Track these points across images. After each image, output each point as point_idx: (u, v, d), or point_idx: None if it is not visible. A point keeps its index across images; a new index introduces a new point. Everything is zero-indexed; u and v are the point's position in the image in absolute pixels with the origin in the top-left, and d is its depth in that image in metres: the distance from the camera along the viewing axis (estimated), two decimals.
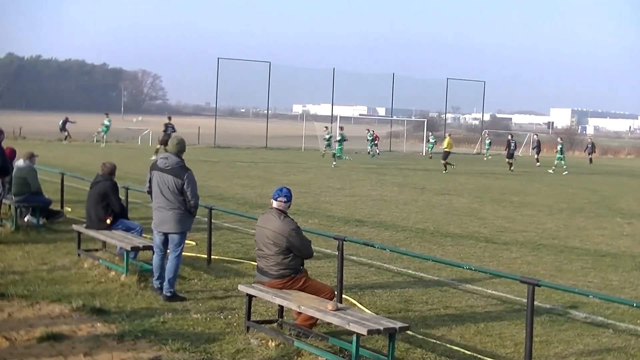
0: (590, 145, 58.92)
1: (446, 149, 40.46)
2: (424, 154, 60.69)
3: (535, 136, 55.17)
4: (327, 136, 49.68)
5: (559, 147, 46.35)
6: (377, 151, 56.53)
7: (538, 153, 51.44)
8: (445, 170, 39.25)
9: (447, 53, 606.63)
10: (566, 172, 42.53)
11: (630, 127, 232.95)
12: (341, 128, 44.57)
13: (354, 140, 59.83)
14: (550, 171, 43.62)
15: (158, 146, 40.80)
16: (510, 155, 44.93)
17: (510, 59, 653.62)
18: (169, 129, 40.93)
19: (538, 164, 47.95)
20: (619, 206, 25.77)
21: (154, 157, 38.19)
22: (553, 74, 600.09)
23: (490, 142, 65.14)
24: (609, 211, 23.99)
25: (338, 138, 43.03)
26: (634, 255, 15.81)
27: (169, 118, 42.89)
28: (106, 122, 51.94)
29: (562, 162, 44.86)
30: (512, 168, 43.49)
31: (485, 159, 59.18)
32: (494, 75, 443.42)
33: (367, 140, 55.92)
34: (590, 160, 56.80)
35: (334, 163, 41.06)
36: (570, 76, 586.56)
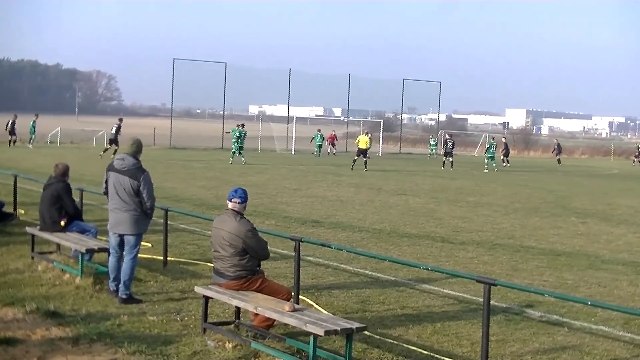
0: (557, 147, 59.91)
1: (360, 147, 41.68)
2: (380, 154, 60.84)
3: (503, 139, 55.99)
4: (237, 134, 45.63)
5: (487, 146, 49.18)
6: (335, 151, 57.24)
7: (507, 155, 52.31)
8: (352, 168, 40.26)
9: (403, 54, 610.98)
10: (486, 171, 44.46)
11: (584, 127, 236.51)
12: (242, 125, 44.32)
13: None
14: (485, 170, 44.95)
15: (108, 146, 40.65)
16: (447, 154, 46.55)
17: (466, 60, 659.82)
18: (114, 127, 41.40)
19: (508, 164, 48.76)
20: (573, 206, 26.04)
21: (101, 154, 39.16)
22: (508, 74, 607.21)
23: (436, 143, 66.58)
24: (564, 211, 24.24)
25: (237, 135, 42.74)
26: (588, 254, 15.98)
27: (120, 120, 42.86)
28: (32, 123, 51.10)
29: (488, 161, 46.73)
30: (451, 167, 44.99)
31: (428, 157, 61.55)
32: (450, 76, 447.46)
33: (316, 142, 57.60)
34: (559, 160, 57.82)
35: (231, 160, 41.41)
36: (526, 77, 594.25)
